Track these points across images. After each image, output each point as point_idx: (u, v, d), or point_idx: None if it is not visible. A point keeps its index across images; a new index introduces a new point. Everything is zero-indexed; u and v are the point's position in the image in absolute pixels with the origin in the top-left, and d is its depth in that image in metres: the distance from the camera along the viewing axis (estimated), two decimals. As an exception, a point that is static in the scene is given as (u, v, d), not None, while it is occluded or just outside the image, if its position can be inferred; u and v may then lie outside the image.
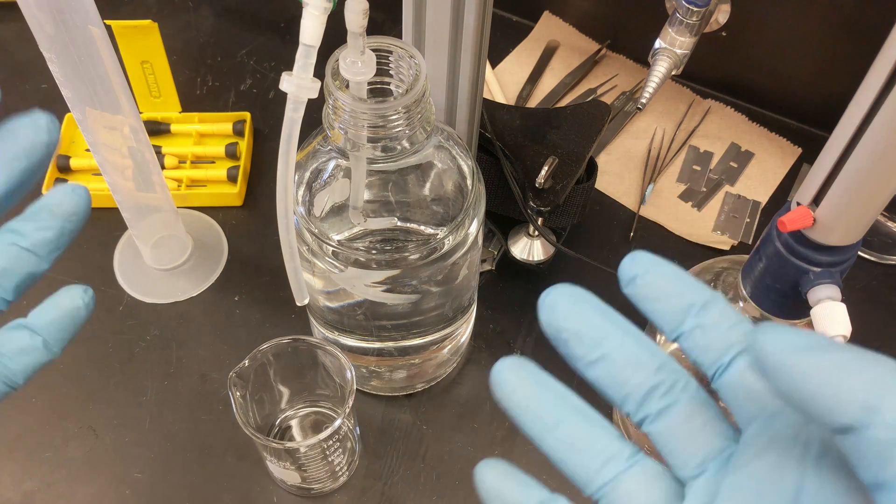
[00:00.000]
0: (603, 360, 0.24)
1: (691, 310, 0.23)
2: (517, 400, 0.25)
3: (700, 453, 0.24)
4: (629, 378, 0.24)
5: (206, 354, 0.60)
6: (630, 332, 0.24)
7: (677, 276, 0.24)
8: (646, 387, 0.24)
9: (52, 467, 0.55)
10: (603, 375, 0.24)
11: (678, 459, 0.24)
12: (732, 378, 0.23)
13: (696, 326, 0.23)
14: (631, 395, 0.24)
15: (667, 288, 0.23)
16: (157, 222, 0.61)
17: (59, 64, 0.46)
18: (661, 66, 0.59)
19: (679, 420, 0.24)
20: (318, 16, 0.38)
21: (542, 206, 0.58)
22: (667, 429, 0.24)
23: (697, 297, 0.23)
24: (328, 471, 0.52)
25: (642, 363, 0.24)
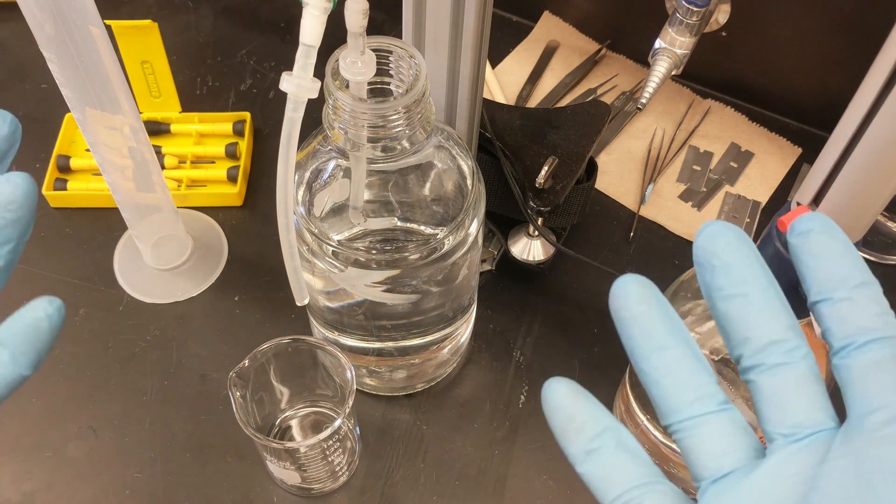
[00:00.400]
0: (742, 297, 0.24)
1: (849, 281, 0.23)
2: (635, 312, 0.24)
3: (798, 417, 0.23)
4: (758, 324, 0.24)
5: (206, 354, 0.60)
6: (774, 285, 0.24)
7: (848, 248, 0.24)
8: (771, 338, 0.24)
9: (52, 467, 0.55)
10: (734, 312, 0.24)
11: (775, 415, 0.24)
12: (861, 361, 0.23)
13: (846, 298, 0.23)
14: (753, 339, 0.24)
15: (835, 252, 0.24)
16: (157, 222, 0.61)
17: (59, 64, 0.46)
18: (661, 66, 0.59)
19: (790, 380, 0.23)
20: (318, 16, 0.38)
21: (542, 206, 0.58)
22: (775, 384, 0.24)
23: (859, 274, 0.23)
24: (328, 471, 0.52)
25: (777, 316, 0.24)
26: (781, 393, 0.24)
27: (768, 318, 0.24)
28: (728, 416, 0.24)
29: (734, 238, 0.24)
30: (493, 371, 0.60)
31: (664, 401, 0.24)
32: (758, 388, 0.24)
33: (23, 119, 0.72)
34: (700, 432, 0.24)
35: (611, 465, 0.24)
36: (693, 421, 0.24)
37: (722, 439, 0.24)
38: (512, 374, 0.60)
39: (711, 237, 0.24)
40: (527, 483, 0.56)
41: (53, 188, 0.66)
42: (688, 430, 0.24)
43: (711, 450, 0.24)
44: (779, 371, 0.24)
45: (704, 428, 0.24)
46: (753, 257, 0.24)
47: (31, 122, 0.72)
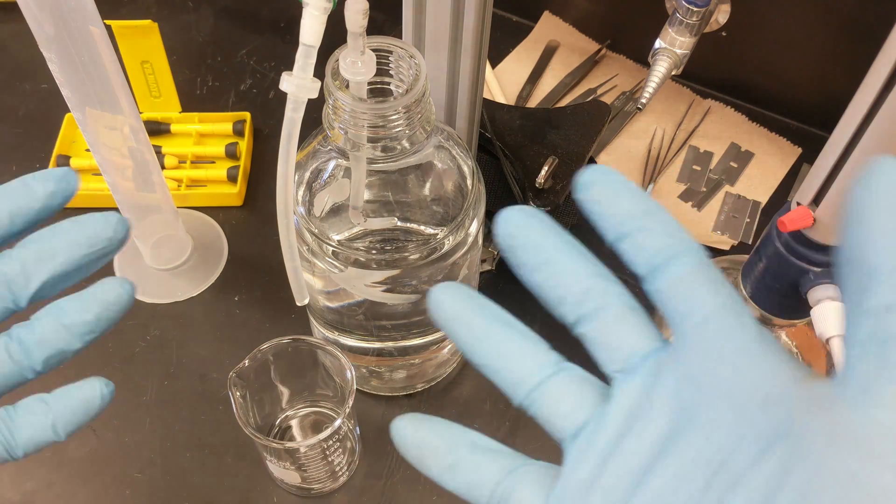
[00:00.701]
0: (546, 265, 0.25)
1: (636, 213, 0.24)
2: (451, 314, 0.26)
3: (625, 350, 0.24)
4: (567, 282, 0.25)
5: (206, 354, 0.60)
6: (574, 246, 0.25)
7: (627, 185, 0.24)
8: (581, 289, 0.25)
9: (52, 467, 0.55)
10: (543, 279, 0.25)
11: (606, 356, 0.25)
12: (668, 279, 0.24)
13: (637, 229, 0.24)
14: (566, 297, 0.25)
15: (616, 194, 0.24)
16: (157, 222, 0.61)
17: (59, 64, 0.46)
18: (661, 66, 0.59)
19: (610, 320, 0.25)
20: (318, 16, 0.38)
21: (542, 206, 0.58)
22: (598, 328, 0.25)
23: (643, 204, 0.24)
24: (328, 471, 0.53)
25: (581, 270, 0.25)
26: (604, 334, 0.25)
27: (573, 274, 0.25)
28: (566, 374, 0.25)
29: (525, 216, 0.25)
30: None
31: (505, 385, 0.25)
32: (586, 338, 0.25)
33: (23, 119, 0.72)
34: (546, 399, 0.25)
35: (472, 470, 0.25)
36: (536, 391, 0.25)
37: (565, 398, 0.25)
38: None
39: (504, 222, 0.25)
40: (527, 483, 0.56)
41: (53, 188, 0.66)
42: (535, 401, 0.25)
43: (559, 411, 0.25)
44: (596, 317, 0.25)
45: (547, 392, 0.25)
46: (547, 228, 0.25)
47: (31, 122, 0.72)
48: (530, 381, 0.25)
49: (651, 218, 0.24)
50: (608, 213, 0.24)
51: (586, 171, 0.25)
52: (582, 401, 0.25)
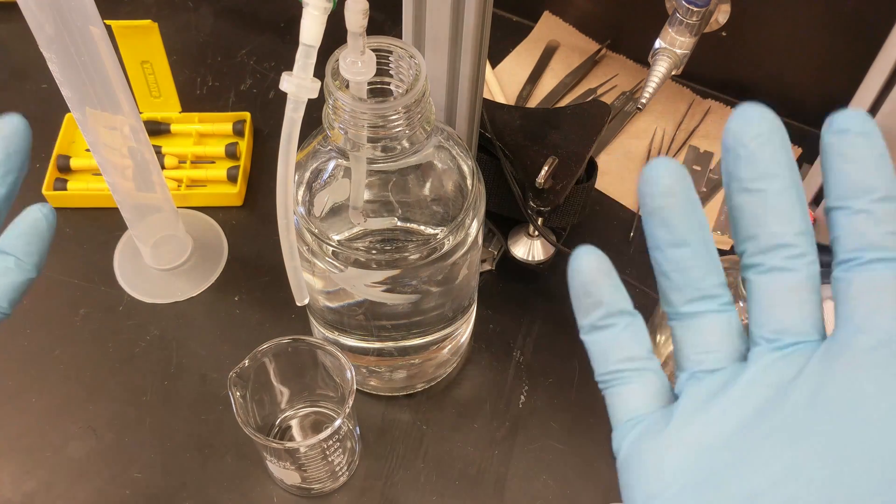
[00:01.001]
0: (759, 193, 0.23)
1: (873, 193, 0.22)
2: (659, 204, 0.24)
3: (783, 323, 0.23)
4: (768, 223, 0.23)
5: (206, 354, 0.60)
6: (798, 186, 0.23)
7: (883, 157, 0.22)
8: (778, 240, 0.23)
9: (52, 467, 0.55)
10: (748, 206, 0.23)
11: (762, 318, 0.24)
12: (862, 278, 0.22)
13: (864, 209, 0.22)
14: (759, 238, 0.23)
15: (867, 159, 0.22)
16: (157, 222, 0.61)
17: (59, 64, 0.46)
18: (661, 66, 0.59)
19: (784, 286, 0.23)
20: (318, 16, 0.38)
21: (542, 206, 0.58)
22: (769, 286, 0.23)
23: (885, 186, 0.22)
24: (328, 471, 0.52)
25: (790, 218, 0.23)
26: (773, 296, 0.23)
27: (780, 219, 0.23)
28: (725, 318, 0.24)
29: (767, 128, 0.23)
30: (493, 371, 0.60)
31: (670, 293, 0.25)
32: (752, 287, 0.24)
33: (23, 119, 0.72)
34: (693, 326, 0.24)
35: (613, 342, 0.25)
36: (690, 316, 0.24)
37: (711, 336, 0.24)
38: (512, 374, 0.60)
39: (745, 122, 0.23)
40: (527, 483, 0.56)
41: (53, 188, 0.66)
42: (683, 322, 0.24)
43: (698, 344, 0.24)
44: (776, 275, 0.23)
45: (698, 323, 0.24)
46: (782, 152, 0.23)
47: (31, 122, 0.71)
48: (691, 306, 0.24)
49: (885, 206, 0.22)
50: (844, 175, 0.22)
51: (845, 116, 0.22)
52: (722, 348, 0.24)
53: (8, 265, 0.30)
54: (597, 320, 0.25)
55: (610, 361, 0.25)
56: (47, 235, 0.31)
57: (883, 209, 0.22)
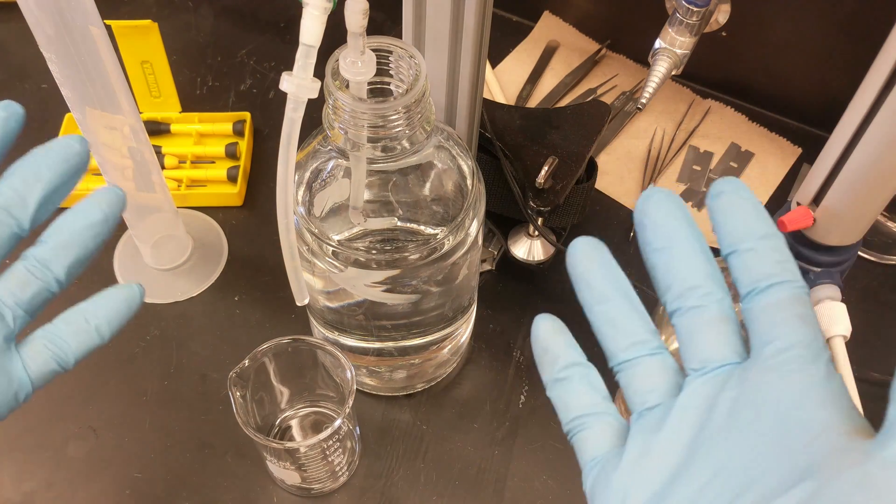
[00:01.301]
0: (667, 250, 0.27)
1: (754, 234, 0.26)
2: (582, 269, 0.28)
3: (706, 352, 0.26)
4: (680, 272, 0.27)
5: (206, 354, 0.60)
6: (699, 239, 0.27)
7: (755, 206, 0.26)
8: (689, 284, 0.26)
9: (52, 467, 0.55)
10: (660, 263, 0.27)
11: (688, 352, 0.27)
12: (762, 303, 0.25)
13: (750, 248, 0.26)
14: (674, 286, 0.27)
15: (743, 209, 0.26)
16: (157, 222, 0.61)
17: (59, 64, 0.46)
18: (661, 66, 0.59)
19: (702, 321, 0.26)
20: (318, 16, 0.38)
21: (542, 206, 0.58)
22: (690, 324, 0.26)
23: (763, 227, 0.26)
24: (328, 471, 0.52)
25: (697, 266, 0.26)
26: (694, 331, 0.26)
27: (688, 267, 0.26)
28: (658, 359, 0.28)
29: (664, 199, 0.27)
30: (493, 371, 0.60)
31: (607, 346, 0.28)
32: (678, 329, 0.27)
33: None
34: (632, 372, 0.28)
35: (572, 393, 0.28)
36: (628, 363, 0.28)
37: (649, 378, 0.27)
38: (512, 374, 0.60)
39: (645, 199, 0.27)
40: (527, 483, 0.56)
41: (53, 188, 0.66)
42: (624, 370, 0.28)
43: (639, 385, 0.27)
44: (694, 312, 0.26)
45: (636, 369, 0.27)
46: (681, 216, 0.27)
47: (31, 122, 0.71)
48: (626, 353, 0.28)
49: (767, 241, 0.26)
50: (730, 226, 0.26)
51: (720, 182, 0.26)
52: (659, 385, 0.27)
53: (90, 330, 0.32)
54: (556, 373, 0.29)
55: (571, 411, 0.28)
56: (131, 314, 0.33)
57: (765, 245, 0.26)
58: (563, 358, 0.29)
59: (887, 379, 0.63)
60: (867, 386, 0.58)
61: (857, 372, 0.44)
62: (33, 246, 0.32)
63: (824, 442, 0.23)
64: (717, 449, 0.25)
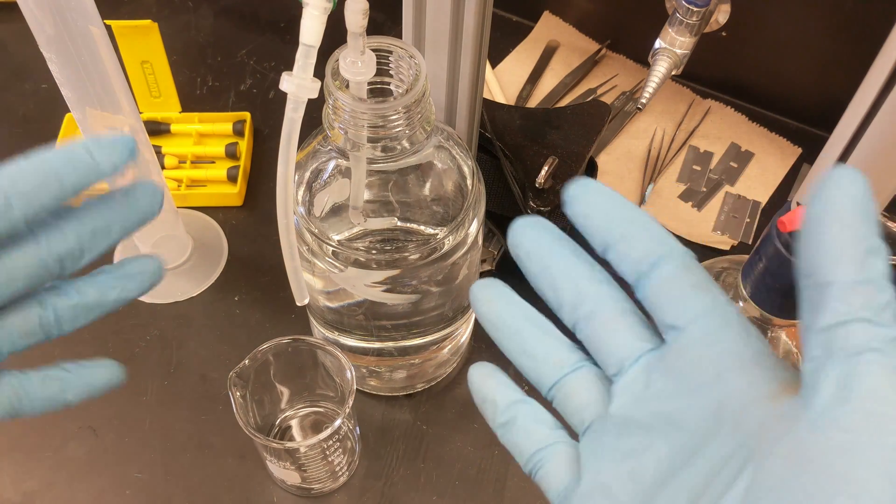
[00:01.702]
0: (545, 271, 0.26)
1: (619, 223, 0.25)
2: (485, 311, 0.28)
3: (622, 352, 0.25)
4: (563, 286, 0.26)
5: (206, 354, 0.60)
6: (572, 251, 0.26)
7: (610, 197, 0.25)
8: (575, 293, 0.26)
9: (52, 467, 0.55)
10: (545, 286, 0.26)
11: (604, 359, 0.26)
12: (653, 286, 0.24)
13: (621, 238, 0.25)
14: (564, 302, 0.26)
15: (599, 205, 0.25)
16: (157, 222, 0.60)
17: (59, 64, 0.46)
18: (661, 66, 0.59)
19: (603, 324, 0.26)
20: (318, 16, 0.38)
21: (542, 206, 0.58)
22: (593, 332, 0.26)
23: (626, 213, 0.25)
24: (328, 471, 0.52)
25: (575, 274, 0.26)
26: (599, 338, 0.26)
27: (568, 279, 0.26)
28: (583, 372, 0.27)
29: (528, 224, 0.27)
30: (493, 371, 0.60)
31: (531, 378, 0.28)
32: (586, 342, 0.26)
33: (23, 119, 0.72)
34: (562, 395, 0.27)
35: (519, 434, 0.28)
36: (555, 387, 0.27)
37: (577, 396, 0.27)
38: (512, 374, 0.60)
39: (512, 232, 0.27)
40: (527, 483, 0.56)
41: (53, 188, 0.66)
42: (555, 396, 0.27)
43: (573, 408, 0.27)
44: (591, 319, 0.26)
45: (564, 391, 0.27)
46: (547, 236, 0.26)
47: (31, 122, 0.72)
48: (550, 379, 0.27)
49: (634, 225, 0.25)
50: (594, 226, 0.25)
51: (570, 186, 0.26)
52: (590, 401, 0.26)
53: (60, 399, 0.32)
54: (499, 418, 0.28)
55: (524, 452, 0.28)
56: (104, 393, 0.34)
57: (634, 228, 0.25)
58: (501, 400, 0.28)
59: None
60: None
61: (857, 372, 0.44)
62: (56, 292, 0.30)
63: (751, 416, 0.22)
64: (658, 457, 0.24)
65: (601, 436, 0.26)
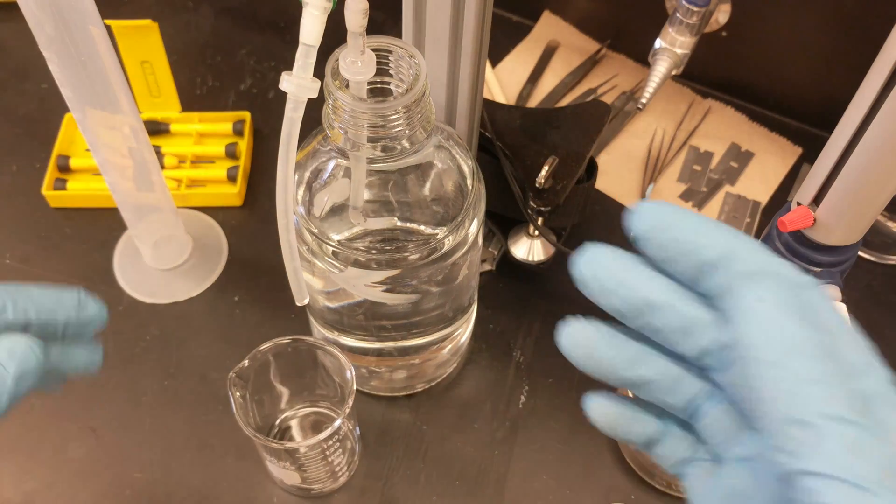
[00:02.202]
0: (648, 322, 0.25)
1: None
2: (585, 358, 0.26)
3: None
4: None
5: (206, 354, 0.60)
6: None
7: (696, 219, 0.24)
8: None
9: (52, 467, 0.55)
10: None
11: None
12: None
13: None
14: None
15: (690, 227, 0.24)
16: (157, 222, 0.61)
17: (59, 64, 0.46)
18: (662, 65, 0.59)
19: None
20: (318, 16, 0.38)
21: (542, 206, 0.58)
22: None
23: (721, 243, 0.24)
24: (328, 471, 0.52)
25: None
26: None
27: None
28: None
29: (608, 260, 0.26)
30: (493, 371, 0.60)
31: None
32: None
33: (23, 119, 0.72)
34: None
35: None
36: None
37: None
38: (512, 374, 0.60)
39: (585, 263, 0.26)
40: (527, 483, 0.56)
41: (53, 188, 0.66)
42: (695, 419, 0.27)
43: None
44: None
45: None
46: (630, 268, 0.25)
47: (31, 122, 0.72)
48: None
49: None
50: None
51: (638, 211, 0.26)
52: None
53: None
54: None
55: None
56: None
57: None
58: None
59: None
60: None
61: (857, 372, 0.44)
62: None
63: None
64: None
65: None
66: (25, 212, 0.66)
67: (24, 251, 0.65)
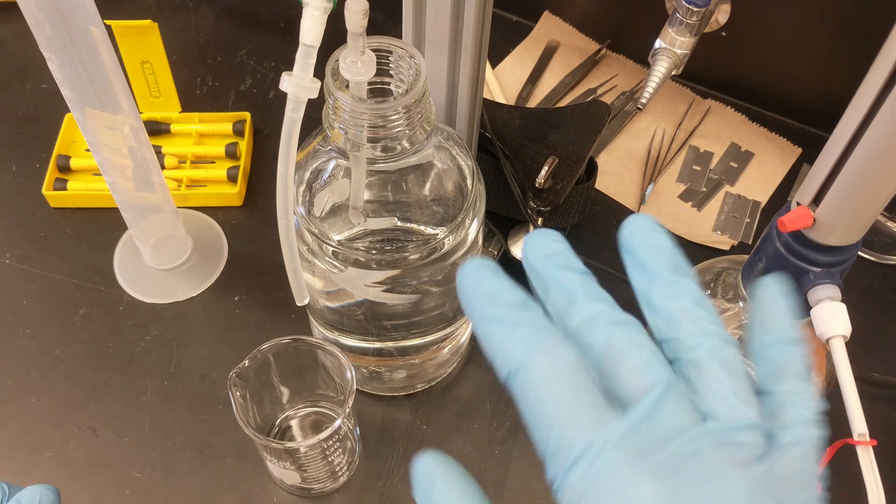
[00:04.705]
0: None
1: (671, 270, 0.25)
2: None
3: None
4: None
5: (206, 354, 0.60)
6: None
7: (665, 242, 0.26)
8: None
9: (52, 467, 0.55)
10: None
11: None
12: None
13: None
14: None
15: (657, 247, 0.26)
16: (157, 222, 0.61)
17: (59, 64, 0.46)
18: (661, 66, 0.59)
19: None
20: (318, 16, 0.38)
21: (542, 206, 0.58)
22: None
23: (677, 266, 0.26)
24: (328, 471, 0.52)
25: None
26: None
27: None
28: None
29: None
30: (493, 371, 0.60)
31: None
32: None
33: (23, 119, 0.72)
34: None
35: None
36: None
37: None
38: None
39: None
40: (527, 483, 0.56)
41: (53, 188, 0.66)
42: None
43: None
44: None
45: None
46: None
47: (31, 122, 0.72)
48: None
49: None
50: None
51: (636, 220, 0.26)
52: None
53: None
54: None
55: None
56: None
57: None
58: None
59: (888, 379, 0.63)
60: (867, 386, 0.58)
61: (857, 372, 0.44)
62: None
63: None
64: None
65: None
66: (25, 212, 0.66)
67: (24, 251, 0.65)
